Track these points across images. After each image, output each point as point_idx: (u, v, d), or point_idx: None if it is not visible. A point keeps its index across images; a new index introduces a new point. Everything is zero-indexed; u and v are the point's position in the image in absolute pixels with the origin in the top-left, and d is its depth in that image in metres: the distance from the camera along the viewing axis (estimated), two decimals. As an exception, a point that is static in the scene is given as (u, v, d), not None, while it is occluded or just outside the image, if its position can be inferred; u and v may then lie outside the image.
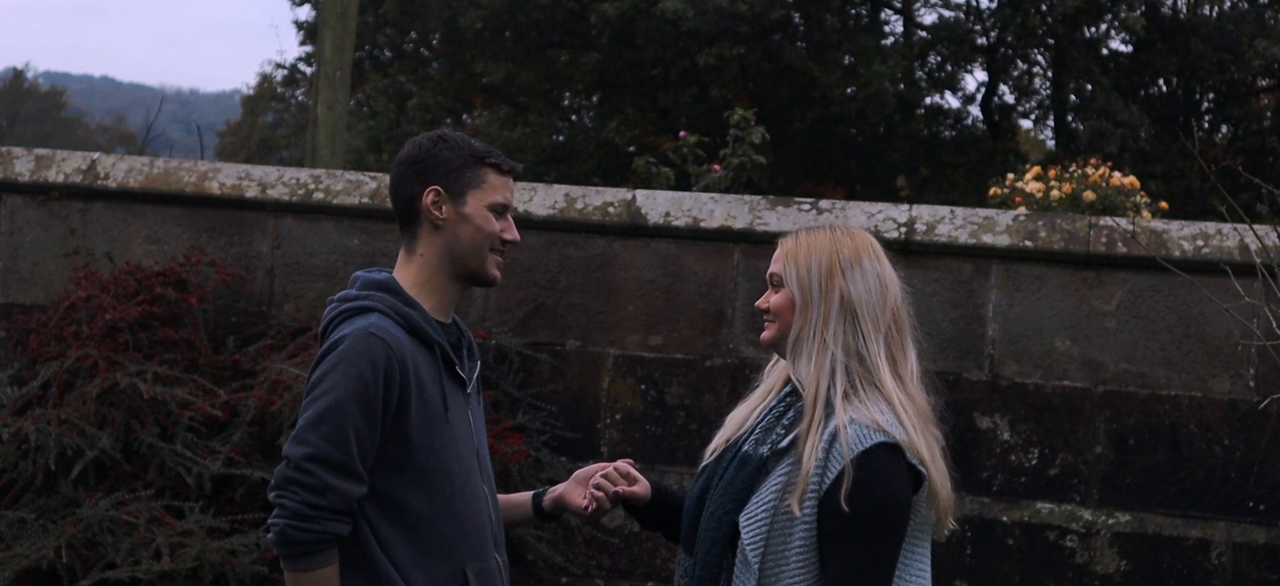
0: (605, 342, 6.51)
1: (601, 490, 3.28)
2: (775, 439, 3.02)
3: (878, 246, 3.12)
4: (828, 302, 3.03)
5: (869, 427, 2.93)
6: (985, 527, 6.21)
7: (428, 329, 3.10)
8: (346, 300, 3.14)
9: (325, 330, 3.14)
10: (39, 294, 6.71)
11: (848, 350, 3.00)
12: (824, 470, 2.91)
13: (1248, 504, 6.08)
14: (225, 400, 6.00)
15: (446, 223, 3.12)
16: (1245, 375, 6.11)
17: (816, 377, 2.99)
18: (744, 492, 2.99)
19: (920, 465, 2.96)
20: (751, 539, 2.94)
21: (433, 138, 3.18)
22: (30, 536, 5.58)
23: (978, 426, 6.25)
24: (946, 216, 6.38)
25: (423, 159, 3.14)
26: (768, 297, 3.12)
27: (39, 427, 5.72)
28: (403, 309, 3.09)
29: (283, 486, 2.99)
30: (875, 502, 2.89)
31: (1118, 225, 6.29)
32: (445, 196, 3.12)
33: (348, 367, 2.99)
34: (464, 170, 3.12)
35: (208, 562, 5.53)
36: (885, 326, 3.03)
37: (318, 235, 6.67)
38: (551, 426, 6.42)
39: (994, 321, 6.26)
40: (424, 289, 3.15)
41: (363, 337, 3.02)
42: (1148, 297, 6.18)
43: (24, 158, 6.88)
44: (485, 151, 3.16)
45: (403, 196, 3.16)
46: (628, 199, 6.56)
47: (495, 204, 3.14)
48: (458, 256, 3.14)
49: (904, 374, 3.04)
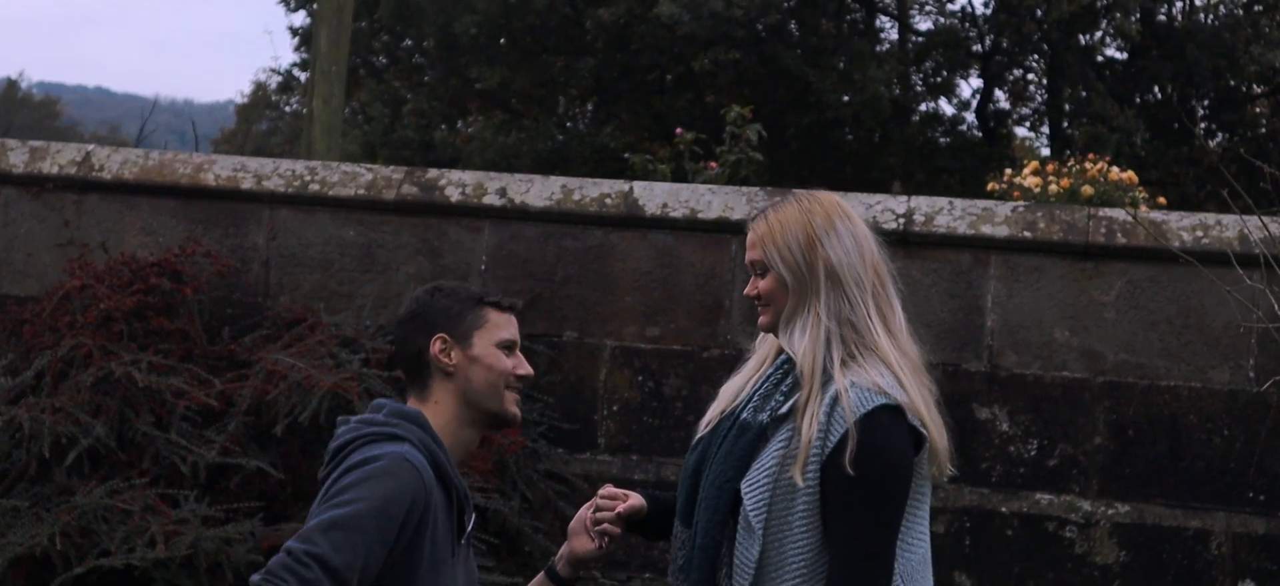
0: (602, 334, 6.48)
1: (603, 522, 3.22)
2: (774, 405, 2.99)
3: (845, 205, 3.11)
4: (814, 276, 3.01)
5: (870, 390, 2.91)
6: (984, 518, 6.18)
7: (451, 472, 3.07)
8: (372, 424, 3.06)
9: (342, 449, 3.05)
10: (33, 286, 6.67)
11: (839, 319, 2.98)
12: (826, 434, 2.89)
13: (1248, 494, 6.06)
14: (220, 390, 5.97)
15: (457, 369, 3.10)
16: (1245, 365, 6.08)
17: (812, 351, 2.97)
18: (744, 460, 2.97)
19: (921, 426, 2.94)
20: (754, 505, 2.92)
21: (428, 289, 3.18)
22: (24, 524, 5.54)
23: (976, 417, 6.22)
24: (945, 208, 6.36)
25: (422, 311, 3.13)
26: (754, 285, 3.10)
27: (33, 416, 5.68)
28: (432, 446, 3.05)
29: (277, 571, 2.85)
30: (879, 465, 2.87)
31: (1116, 216, 6.27)
32: (452, 343, 3.10)
33: (377, 485, 2.91)
34: (465, 314, 3.12)
35: (203, 551, 5.49)
36: (870, 285, 3.02)
37: (313, 227, 6.64)
38: (548, 417, 6.40)
39: (993, 312, 6.24)
40: (443, 434, 3.10)
41: (399, 462, 2.95)
42: (1147, 288, 6.16)
43: (18, 149, 6.85)
44: (482, 292, 3.17)
45: (410, 352, 3.14)
46: (625, 190, 6.54)
47: (503, 342, 3.12)
48: (473, 400, 3.11)
49: (895, 328, 3.02)
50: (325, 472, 3.05)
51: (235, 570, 5.56)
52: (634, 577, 6.39)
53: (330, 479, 2.98)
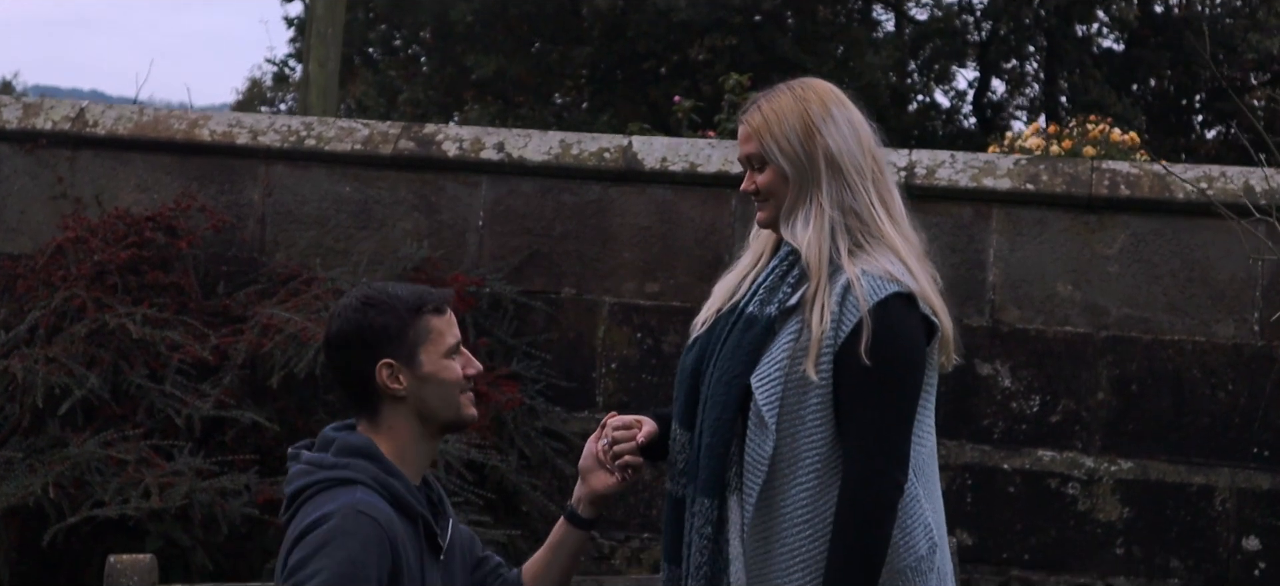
0: (601, 290, 6.42)
1: (622, 455, 3.05)
2: (782, 297, 2.90)
3: (839, 92, 3.01)
4: (815, 165, 2.91)
5: (882, 278, 2.84)
6: (986, 475, 6.13)
7: (411, 501, 2.88)
8: (323, 467, 2.87)
9: (297, 496, 2.87)
10: (26, 243, 6.61)
11: (842, 208, 2.90)
12: (839, 324, 2.81)
13: (1252, 450, 6.00)
14: (215, 344, 5.90)
15: (408, 391, 2.89)
16: (1250, 319, 6.03)
17: (818, 242, 2.88)
18: (753, 354, 2.87)
19: (933, 314, 2.87)
20: (766, 399, 2.83)
21: (358, 305, 2.89)
22: (17, 476, 5.47)
23: (978, 372, 6.17)
24: (947, 161, 6.31)
25: (359, 333, 2.88)
26: (752, 180, 2.99)
27: (26, 366, 5.62)
28: (386, 479, 2.85)
29: None
30: (895, 353, 2.80)
31: (1120, 168, 6.22)
32: (398, 366, 2.88)
33: (336, 549, 2.72)
34: (406, 330, 2.88)
35: (197, 502, 5.43)
36: (870, 172, 2.93)
37: (309, 183, 6.58)
38: (546, 375, 6.33)
39: (995, 266, 6.18)
40: (402, 458, 2.91)
41: (352, 517, 2.75)
42: (1151, 241, 6.11)
43: (11, 106, 6.79)
44: (418, 299, 2.91)
45: (353, 379, 2.90)
46: (623, 145, 6.48)
47: (449, 349, 2.92)
48: (428, 417, 2.91)
49: (897, 215, 2.94)
50: (285, 518, 2.89)
51: (230, 522, 5.50)
52: (632, 536, 6.33)
53: (287, 552, 2.78)
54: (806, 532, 2.84)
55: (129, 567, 4.10)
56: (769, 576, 2.88)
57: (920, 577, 2.86)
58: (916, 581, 2.86)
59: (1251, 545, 5.96)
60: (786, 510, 2.85)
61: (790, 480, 2.85)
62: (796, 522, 2.85)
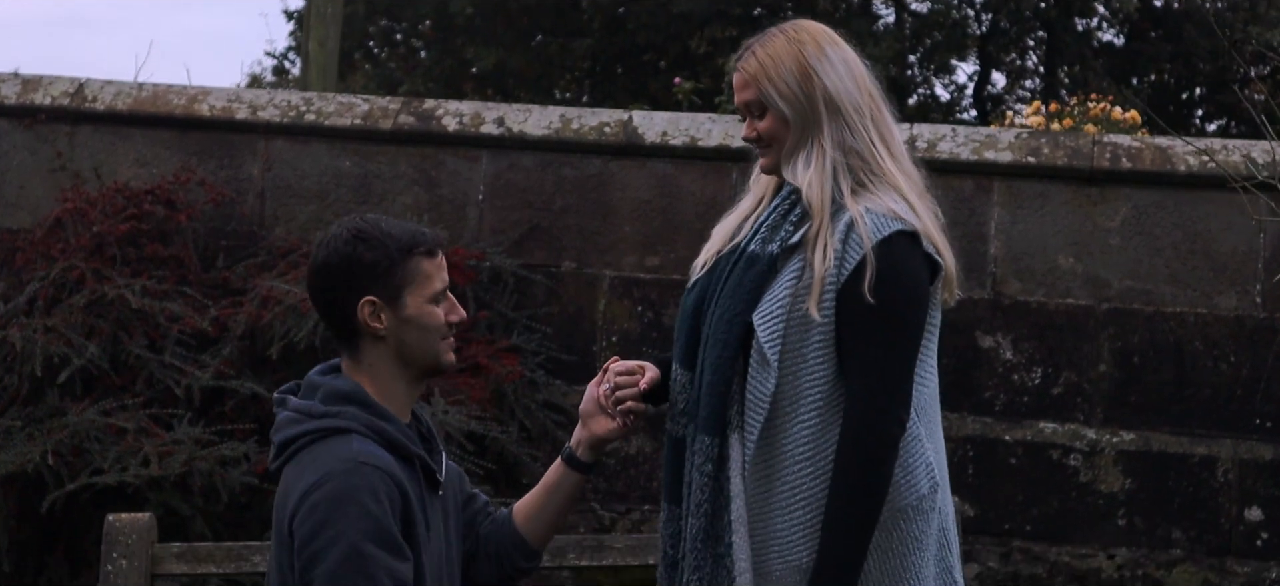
0: (601, 264, 6.41)
1: (625, 400, 3.02)
2: (785, 235, 2.87)
3: (830, 30, 2.98)
4: (814, 107, 2.88)
5: (886, 216, 2.82)
6: (987, 447, 6.11)
7: (405, 442, 2.83)
8: (312, 415, 2.81)
9: (287, 446, 2.82)
10: (25, 218, 6.59)
11: (843, 148, 2.87)
12: (841, 262, 2.79)
13: (1254, 421, 5.99)
14: (215, 315, 5.89)
15: (388, 331, 2.83)
16: (1252, 291, 6.02)
17: (820, 183, 2.86)
18: (755, 292, 2.85)
19: (937, 253, 2.85)
20: (768, 336, 2.81)
21: (349, 237, 2.83)
22: (16, 444, 5.46)
23: (980, 345, 6.16)
24: (948, 134, 6.29)
25: (345, 267, 2.81)
26: (753, 126, 2.96)
27: (24, 335, 5.61)
28: (378, 425, 2.80)
29: None
30: (899, 292, 2.78)
31: (1122, 141, 6.21)
32: (381, 304, 2.82)
33: (350, 508, 2.68)
34: (394, 270, 2.82)
35: (197, 471, 5.42)
36: (868, 110, 2.90)
37: (309, 157, 6.56)
38: (546, 348, 6.32)
39: (996, 239, 6.17)
40: (387, 396, 2.86)
41: (356, 471, 2.71)
42: (1152, 214, 6.10)
43: (10, 81, 6.77)
44: (410, 239, 2.85)
45: (334, 312, 2.85)
46: (624, 119, 6.47)
47: (434, 294, 2.86)
48: (409, 359, 2.86)
49: (897, 152, 2.92)
50: (274, 466, 2.85)
51: (229, 491, 5.49)
52: (633, 509, 6.31)
53: (291, 515, 2.73)
54: (808, 470, 2.83)
55: (128, 526, 4.11)
56: (770, 513, 2.86)
57: (922, 517, 2.85)
58: (918, 520, 2.84)
59: (1254, 515, 5.95)
60: (788, 447, 2.84)
61: (792, 418, 2.83)
62: (798, 460, 2.83)
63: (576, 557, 4.14)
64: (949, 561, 2.92)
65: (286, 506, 2.76)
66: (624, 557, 4.16)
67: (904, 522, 2.83)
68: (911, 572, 2.84)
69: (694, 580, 2.90)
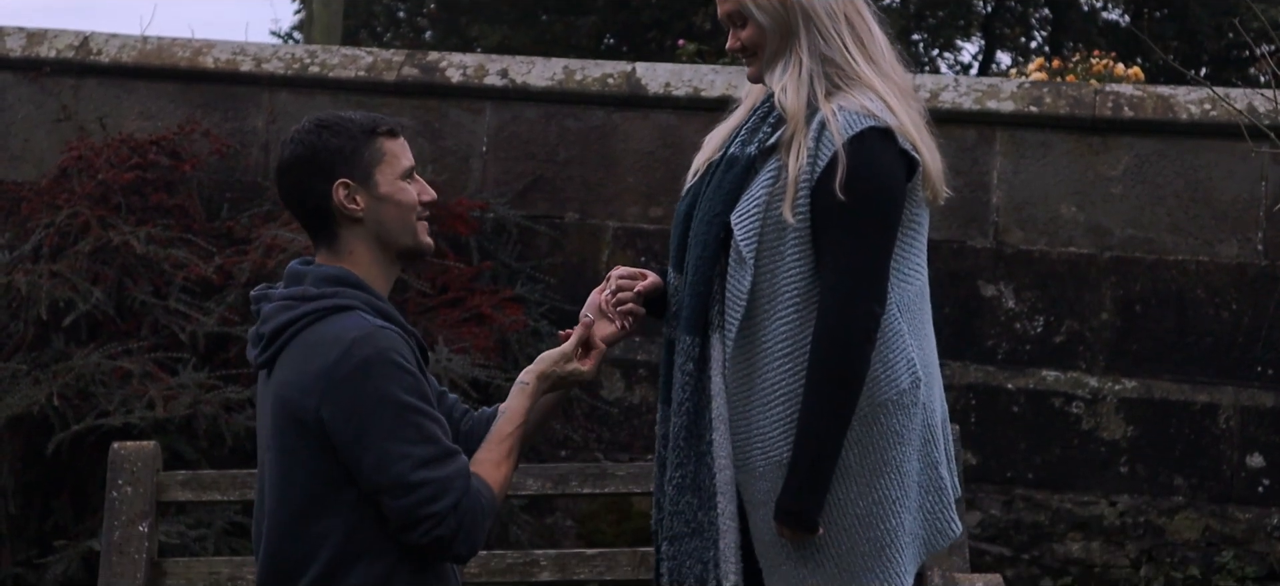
0: (604, 215, 6.42)
1: (626, 302, 3.06)
2: (762, 137, 2.93)
3: None
4: (791, 14, 2.92)
5: (858, 113, 2.85)
6: (990, 395, 6.13)
7: (403, 320, 2.87)
8: (308, 299, 2.81)
9: (280, 333, 2.81)
10: (30, 171, 6.61)
11: (820, 56, 2.91)
12: (815, 160, 2.83)
13: (1255, 368, 6.00)
14: (219, 264, 5.91)
15: (365, 212, 2.84)
16: (1253, 239, 6.03)
17: (794, 89, 2.90)
18: (734, 192, 2.90)
19: (913, 149, 2.87)
20: (744, 235, 2.85)
21: (312, 128, 2.86)
22: (22, 387, 5.49)
23: (982, 294, 6.17)
24: (950, 84, 6.31)
25: (314, 155, 2.83)
26: (736, 37, 3.00)
27: (30, 280, 5.63)
28: (376, 302, 2.83)
29: (411, 525, 2.72)
30: (870, 188, 2.82)
31: (1124, 91, 6.22)
32: (355, 186, 2.83)
33: (385, 365, 2.72)
34: (361, 151, 2.83)
35: (202, 414, 5.44)
36: (842, 15, 2.92)
37: (313, 110, 6.50)
38: (550, 298, 6.34)
39: (998, 188, 6.18)
40: (369, 281, 2.87)
41: (377, 333, 2.74)
42: (1154, 162, 6.11)
43: (15, 34, 6.79)
44: (371, 122, 2.88)
45: (308, 203, 2.85)
46: (627, 71, 6.49)
47: (404, 171, 2.88)
48: (387, 240, 2.88)
49: (876, 56, 2.94)
50: (262, 358, 2.84)
51: (234, 435, 5.51)
52: (637, 458, 6.33)
53: (320, 403, 2.72)
54: (786, 366, 2.87)
55: (133, 453, 4.13)
56: (750, 410, 2.90)
57: (903, 411, 2.87)
58: (898, 415, 2.87)
59: (1255, 462, 5.96)
60: (767, 344, 2.88)
61: (770, 315, 2.87)
62: (777, 356, 2.87)
63: (578, 485, 4.15)
64: (934, 456, 2.93)
65: (304, 393, 2.74)
66: (626, 485, 4.17)
67: (884, 416, 2.86)
68: (892, 466, 2.87)
69: (676, 477, 2.96)
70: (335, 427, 2.73)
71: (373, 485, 2.73)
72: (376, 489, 2.73)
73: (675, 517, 2.97)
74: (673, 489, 2.97)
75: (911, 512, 2.90)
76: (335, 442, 2.74)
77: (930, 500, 2.93)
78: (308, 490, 2.77)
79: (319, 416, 2.74)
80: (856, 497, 2.87)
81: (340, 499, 2.76)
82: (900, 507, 2.88)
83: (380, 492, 2.73)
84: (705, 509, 2.94)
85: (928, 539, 2.94)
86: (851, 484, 2.87)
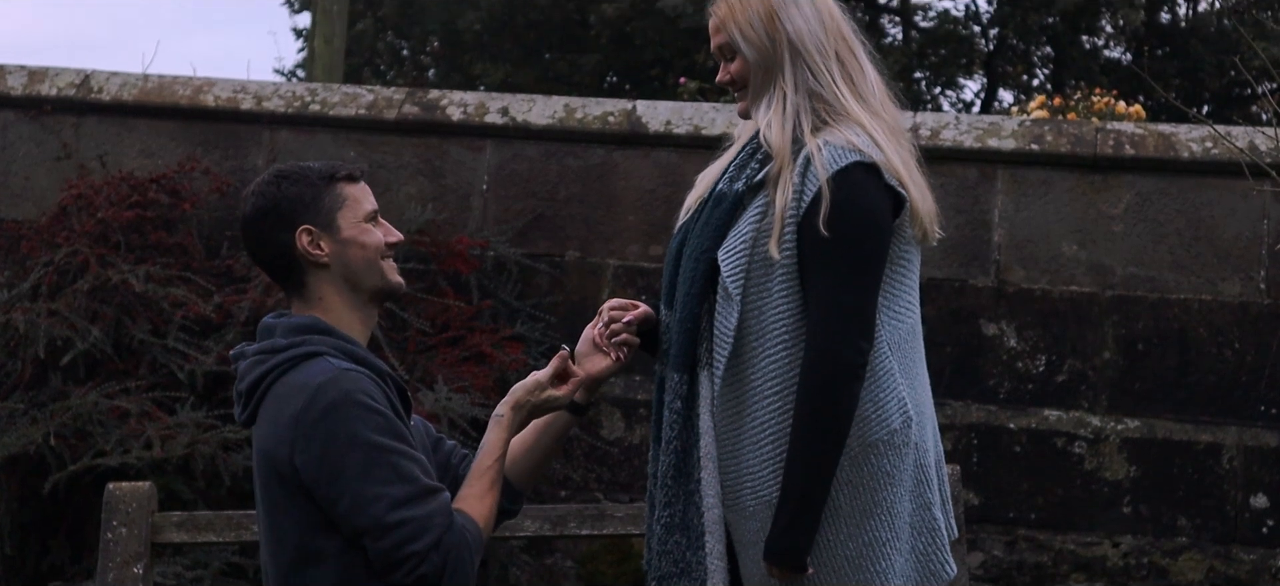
0: (605, 253, 6.41)
1: (619, 333, 3.04)
2: (750, 173, 2.91)
3: None
4: (778, 50, 2.90)
5: (844, 148, 2.82)
6: (992, 435, 6.10)
7: (375, 361, 2.85)
8: (276, 352, 2.80)
9: (256, 388, 2.81)
10: (30, 209, 6.60)
11: (807, 91, 2.89)
12: (800, 195, 2.81)
13: (1259, 407, 5.98)
14: (218, 302, 5.90)
15: (331, 257, 2.85)
16: (1256, 277, 6.01)
17: (780, 125, 2.89)
18: (722, 229, 2.89)
19: (899, 186, 2.85)
20: (731, 271, 2.83)
21: (272, 180, 2.89)
22: (19, 427, 5.47)
23: (984, 333, 6.15)
24: (951, 122, 6.30)
25: (275, 206, 2.85)
26: (726, 70, 2.99)
27: (28, 319, 5.62)
28: (346, 347, 2.81)
29: (394, 566, 2.70)
30: (853, 223, 2.79)
31: (1125, 129, 6.21)
32: (319, 231, 2.85)
33: (351, 408, 2.71)
34: (321, 197, 2.86)
35: (199, 454, 5.42)
36: (833, 52, 2.91)
37: (314, 148, 6.58)
38: (550, 337, 6.31)
39: (1000, 227, 6.17)
40: (341, 326, 2.86)
41: (342, 376, 2.72)
42: (1156, 200, 6.09)
43: (16, 72, 6.80)
44: (330, 168, 2.91)
45: (273, 253, 2.87)
46: (628, 108, 6.48)
47: (367, 214, 2.90)
48: (356, 284, 2.87)
49: (866, 92, 2.92)
50: (244, 416, 2.84)
51: (232, 475, 5.49)
52: (637, 498, 6.29)
53: (293, 452, 2.71)
54: (776, 405, 2.84)
55: (128, 494, 4.11)
56: (740, 449, 2.88)
57: (894, 451, 2.84)
58: (889, 455, 2.84)
59: (1259, 502, 5.93)
60: (756, 381, 2.86)
61: (759, 352, 2.85)
62: (766, 395, 2.85)
63: (577, 526, 4.13)
64: (927, 496, 2.90)
65: (278, 443, 2.74)
66: (624, 526, 4.15)
67: (875, 456, 2.83)
68: (883, 507, 2.84)
69: (665, 516, 2.93)
70: (309, 473, 2.72)
71: (351, 528, 2.71)
72: (356, 531, 2.71)
73: (663, 557, 2.94)
74: (661, 528, 2.94)
75: (903, 554, 2.87)
76: (311, 489, 2.72)
77: (923, 541, 2.90)
78: (296, 542, 2.76)
79: (293, 464, 2.73)
80: (847, 539, 2.84)
81: (328, 546, 2.75)
82: (891, 549, 2.84)
83: (360, 535, 2.71)
84: (693, 548, 2.91)
85: (920, 581, 2.90)
86: (842, 524, 2.84)
